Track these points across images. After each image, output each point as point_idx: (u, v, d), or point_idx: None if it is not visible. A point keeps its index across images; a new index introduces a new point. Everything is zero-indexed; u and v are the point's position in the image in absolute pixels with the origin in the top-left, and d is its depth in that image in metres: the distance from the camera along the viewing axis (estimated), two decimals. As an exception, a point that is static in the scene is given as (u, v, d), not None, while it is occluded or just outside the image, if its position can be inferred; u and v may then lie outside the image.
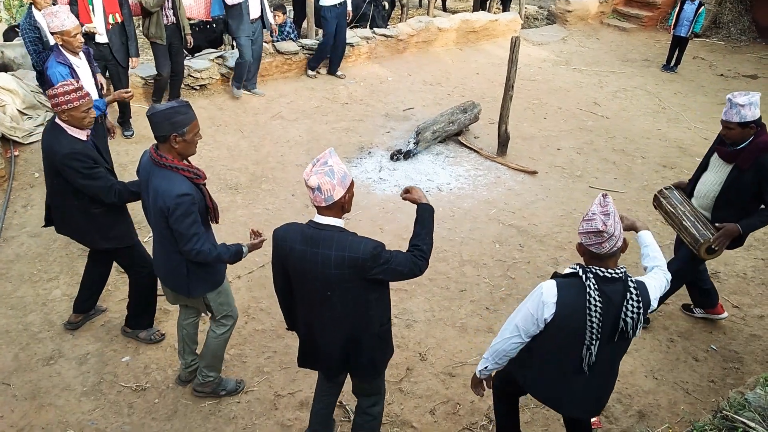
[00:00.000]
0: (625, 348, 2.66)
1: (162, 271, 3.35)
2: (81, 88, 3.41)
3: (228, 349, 3.91)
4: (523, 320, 2.62)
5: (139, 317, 4.12)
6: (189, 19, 7.53)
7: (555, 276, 2.64)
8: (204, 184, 3.15)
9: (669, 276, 2.76)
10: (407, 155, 6.69)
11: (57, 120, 3.45)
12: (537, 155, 7.04)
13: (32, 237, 5.09)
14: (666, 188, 4.08)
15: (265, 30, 7.63)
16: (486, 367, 2.87)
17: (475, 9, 12.35)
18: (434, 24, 9.90)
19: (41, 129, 6.39)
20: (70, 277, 4.68)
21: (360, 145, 6.99)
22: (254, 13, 7.25)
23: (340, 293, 2.61)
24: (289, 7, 10.86)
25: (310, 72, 8.50)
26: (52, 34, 4.57)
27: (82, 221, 3.66)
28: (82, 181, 3.44)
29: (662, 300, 4.14)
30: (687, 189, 4.13)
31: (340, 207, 2.60)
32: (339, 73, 8.62)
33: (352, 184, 2.64)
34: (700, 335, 4.45)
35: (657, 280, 2.67)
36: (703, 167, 4.02)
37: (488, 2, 12.57)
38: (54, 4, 5.27)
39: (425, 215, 2.79)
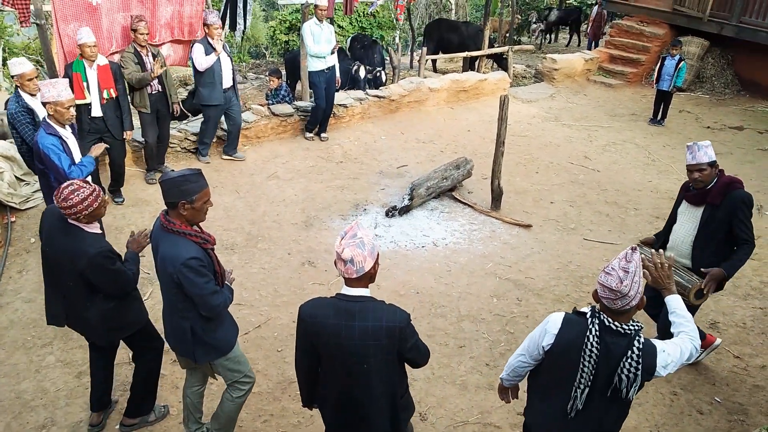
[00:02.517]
0: (618, 410, 2.59)
1: (171, 337, 3.32)
2: (94, 189, 3.25)
3: (224, 413, 3.83)
4: (529, 342, 2.75)
5: (142, 404, 3.86)
6: (186, 86, 7.70)
7: (573, 311, 2.68)
8: (213, 249, 3.15)
9: (698, 343, 2.66)
10: (402, 211, 6.74)
11: (71, 221, 3.25)
12: (531, 209, 7.11)
13: (27, 302, 5.06)
14: (635, 247, 4.10)
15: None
16: (503, 378, 3.00)
17: (464, 69, 12.72)
18: (425, 84, 10.17)
19: (38, 195, 6.45)
20: (64, 343, 4.62)
21: (355, 202, 7.05)
22: (227, 82, 7.29)
23: (376, 364, 2.60)
24: (283, 71, 11.19)
25: (308, 134, 8.64)
26: (45, 104, 4.48)
27: (96, 319, 3.45)
28: (110, 277, 3.31)
29: None
30: (657, 244, 4.25)
31: (369, 277, 2.62)
32: (323, 135, 8.67)
33: (378, 254, 2.66)
34: (703, 387, 4.40)
35: (677, 347, 2.57)
36: (673, 220, 4.21)
37: (477, 62, 12.96)
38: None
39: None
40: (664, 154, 9.05)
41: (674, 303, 2.82)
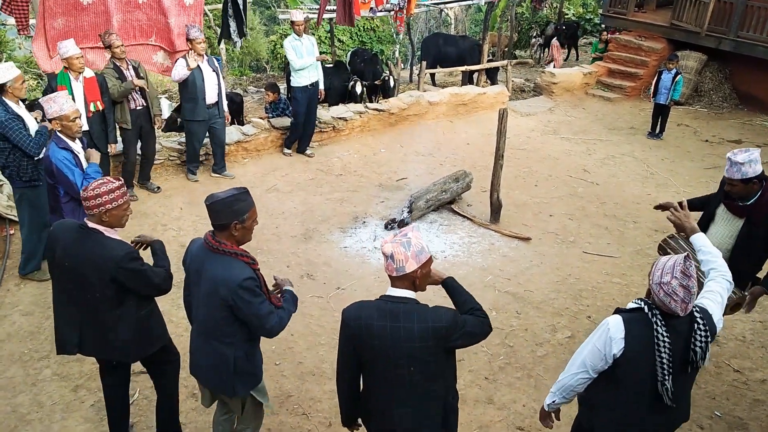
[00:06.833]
0: (694, 377, 2.67)
1: (204, 369, 3.10)
2: (123, 185, 3.19)
3: (221, 427, 3.80)
4: (591, 356, 2.63)
5: (173, 423, 3.73)
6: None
7: (619, 311, 2.65)
8: (258, 269, 3.04)
9: (729, 277, 2.77)
10: (401, 224, 6.74)
11: (91, 224, 3.16)
12: (530, 222, 7.11)
13: (24, 315, 5.05)
14: (671, 237, 3.83)
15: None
16: (554, 401, 2.86)
17: (463, 83, 12.78)
18: (424, 98, 10.21)
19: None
20: (60, 356, 4.58)
21: (354, 215, 7.06)
22: (210, 98, 7.14)
23: (423, 367, 2.56)
24: (283, 86, 11.25)
25: (286, 150, 8.57)
26: (51, 120, 4.46)
27: (124, 331, 3.26)
28: (143, 277, 3.19)
29: None
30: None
31: (412, 281, 2.58)
32: (308, 151, 8.63)
33: (429, 261, 2.60)
34: (703, 401, 4.37)
35: (715, 294, 2.69)
36: (709, 218, 4.09)
37: (476, 76, 13.03)
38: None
39: (454, 285, 2.82)
40: (663, 167, 9.06)
41: (700, 241, 2.92)
